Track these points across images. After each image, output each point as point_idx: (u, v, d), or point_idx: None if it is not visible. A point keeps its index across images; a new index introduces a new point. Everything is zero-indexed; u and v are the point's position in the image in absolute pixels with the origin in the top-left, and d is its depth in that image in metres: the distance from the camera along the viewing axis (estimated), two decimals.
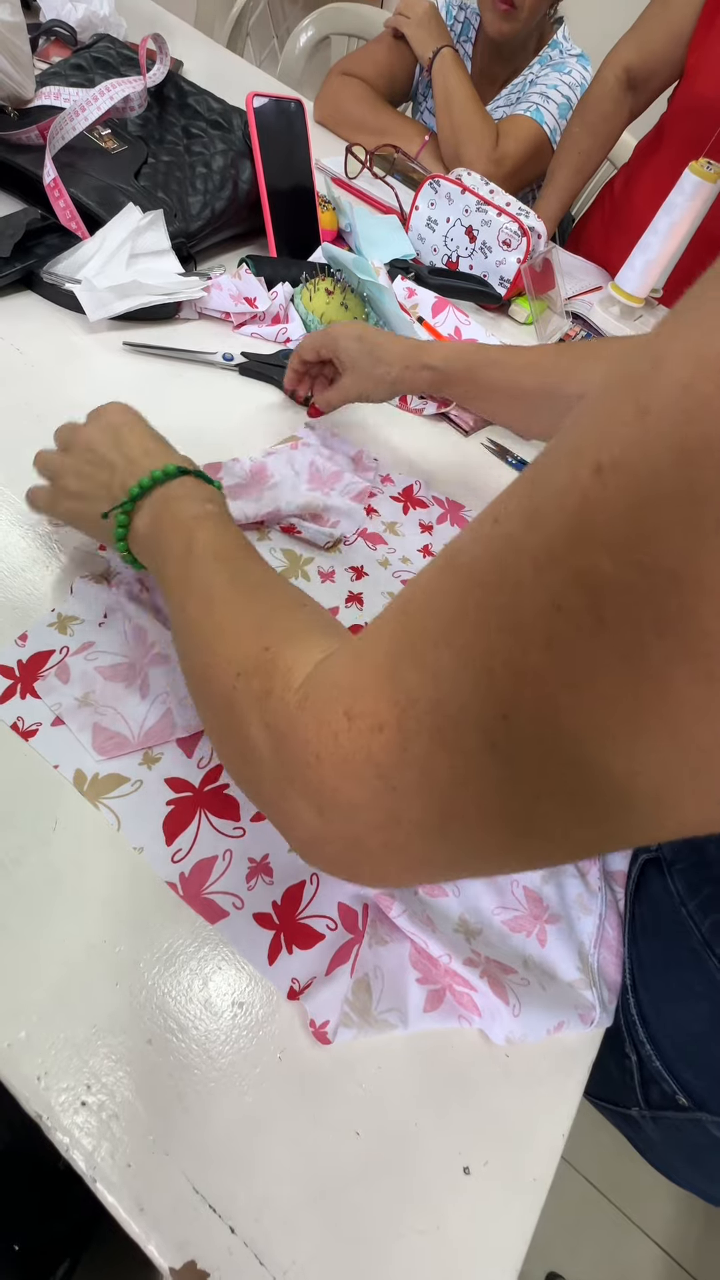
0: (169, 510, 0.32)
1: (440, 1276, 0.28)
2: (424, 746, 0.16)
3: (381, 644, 0.18)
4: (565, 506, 0.13)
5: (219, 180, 0.69)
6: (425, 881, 0.29)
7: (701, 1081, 0.32)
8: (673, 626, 0.11)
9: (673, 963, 0.33)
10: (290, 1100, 0.30)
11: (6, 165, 0.63)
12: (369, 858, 0.20)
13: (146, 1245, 0.25)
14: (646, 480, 0.11)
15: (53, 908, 0.31)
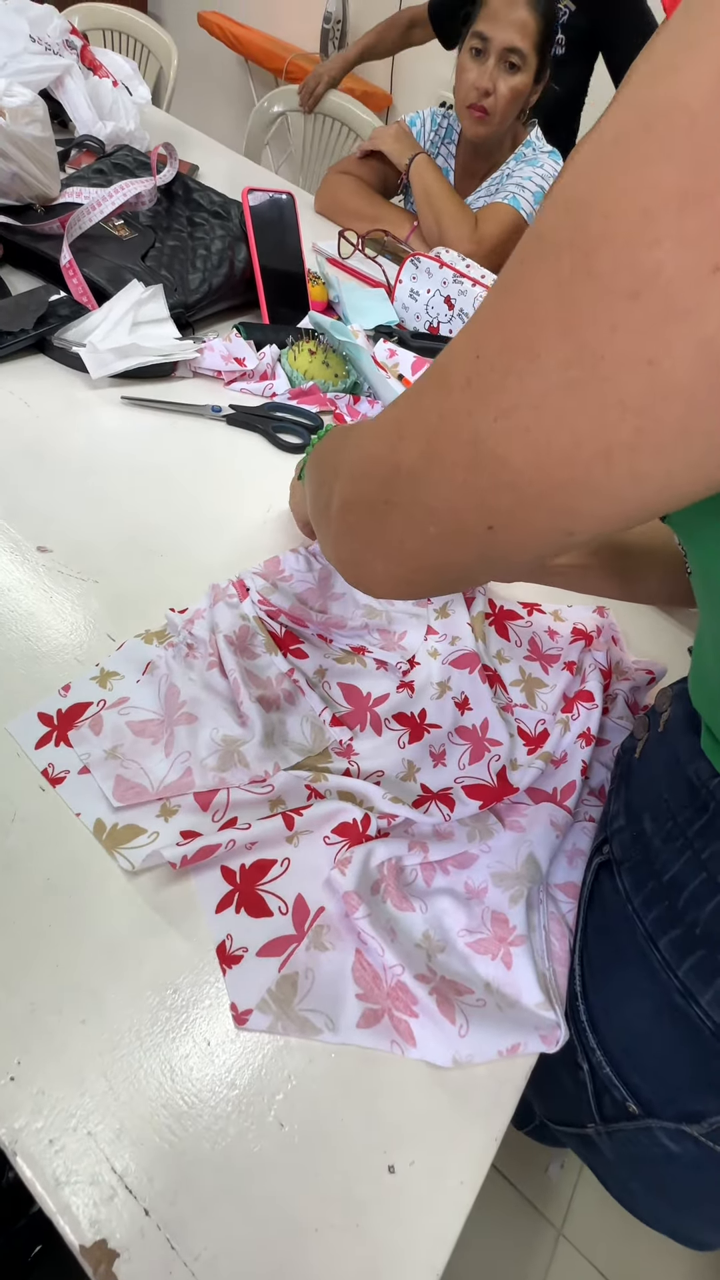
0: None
1: (357, 1275, 0.27)
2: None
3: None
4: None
5: (217, 260, 0.78)
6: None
7: (648, 1084, 0.32)
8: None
9: (619, 962, 0.33)
10: (215, 1088, 0.30)
11: (32, 251, 0.72)
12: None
13: (58, 1220, 0.26)
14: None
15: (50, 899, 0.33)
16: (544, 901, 0.40)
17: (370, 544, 0.24)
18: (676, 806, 0.31)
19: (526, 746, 0.47)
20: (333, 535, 0.27)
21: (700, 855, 0.29)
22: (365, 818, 0.39)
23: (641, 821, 0.33)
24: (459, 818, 0.42)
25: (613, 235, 0.14)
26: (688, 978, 0.29)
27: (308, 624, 0.50)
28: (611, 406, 0.15)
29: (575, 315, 0.15)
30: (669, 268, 0.13)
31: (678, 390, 0.14)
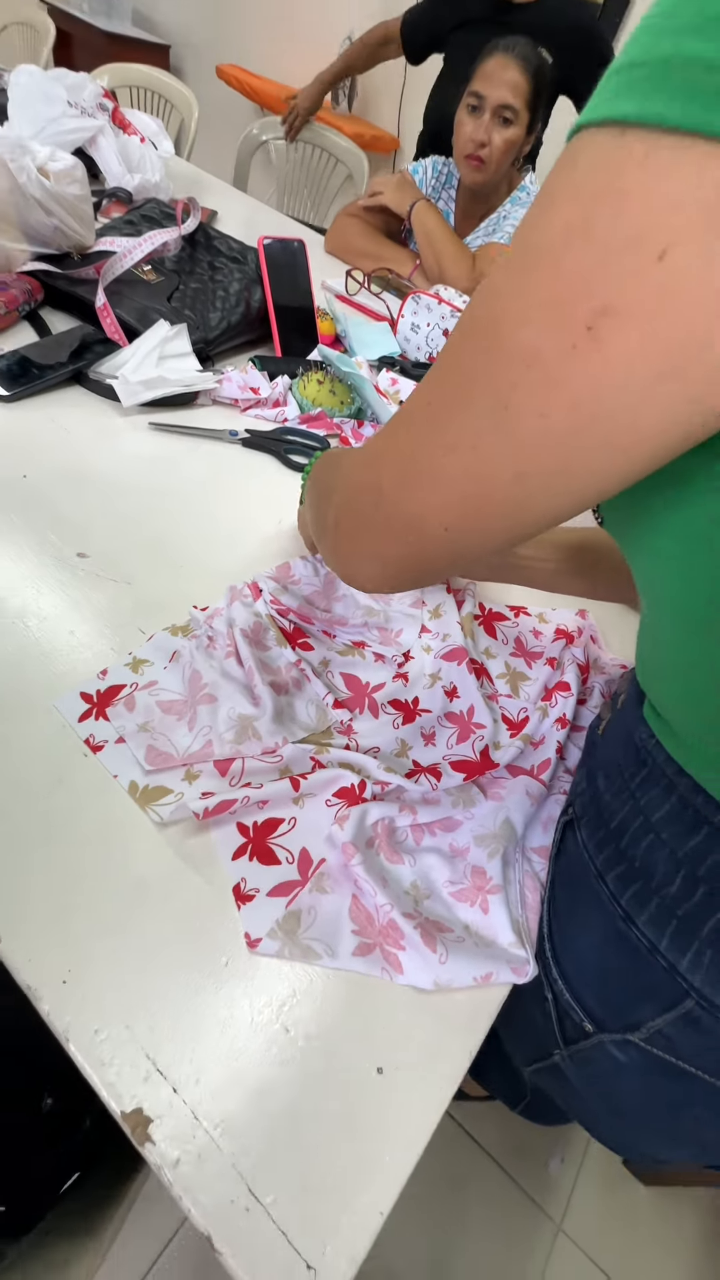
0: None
1: (348, 1147, 0.32)
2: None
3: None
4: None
5: (234, 301, 0.86)
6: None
7: (598, 1003, 0.37)
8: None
9: (578, 901, 0.38)
10: (231, 998, 0.36)
11: (69, 294, 0.81)
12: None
13: (103, 1093, 0.31)
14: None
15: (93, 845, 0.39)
16: (520, 861, 0.45)
17: (361, 550, 0.30)
18: (624, 765, 0.36)
19: (509, 730, 0.53)
20: (331, 545, 0.33)
21: (639, 802, 0.34)
22: (361, 783, 0.45)
23: (597, 782, 0.39)
24: (445, 788, 0.47)
25: (509, 323, 0.20)
26: (629, 905, 0.34)
27: (314, 621, 0.57)
28: (519, 444, 0.21)
29: (492, 376, 0.21)
30: (545, 349, 0.19)
31: (558, 437, 0.20)
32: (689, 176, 0.16)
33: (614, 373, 0.18)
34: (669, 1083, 0.35)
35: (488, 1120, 1.02)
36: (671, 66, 0.15)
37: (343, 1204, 0.31)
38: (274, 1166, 0.31)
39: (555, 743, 0.51)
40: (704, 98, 0.15)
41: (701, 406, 0.19)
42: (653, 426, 0.19)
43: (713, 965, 0.30)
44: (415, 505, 0.26)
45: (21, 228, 0.81)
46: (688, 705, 0.31)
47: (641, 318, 0.17)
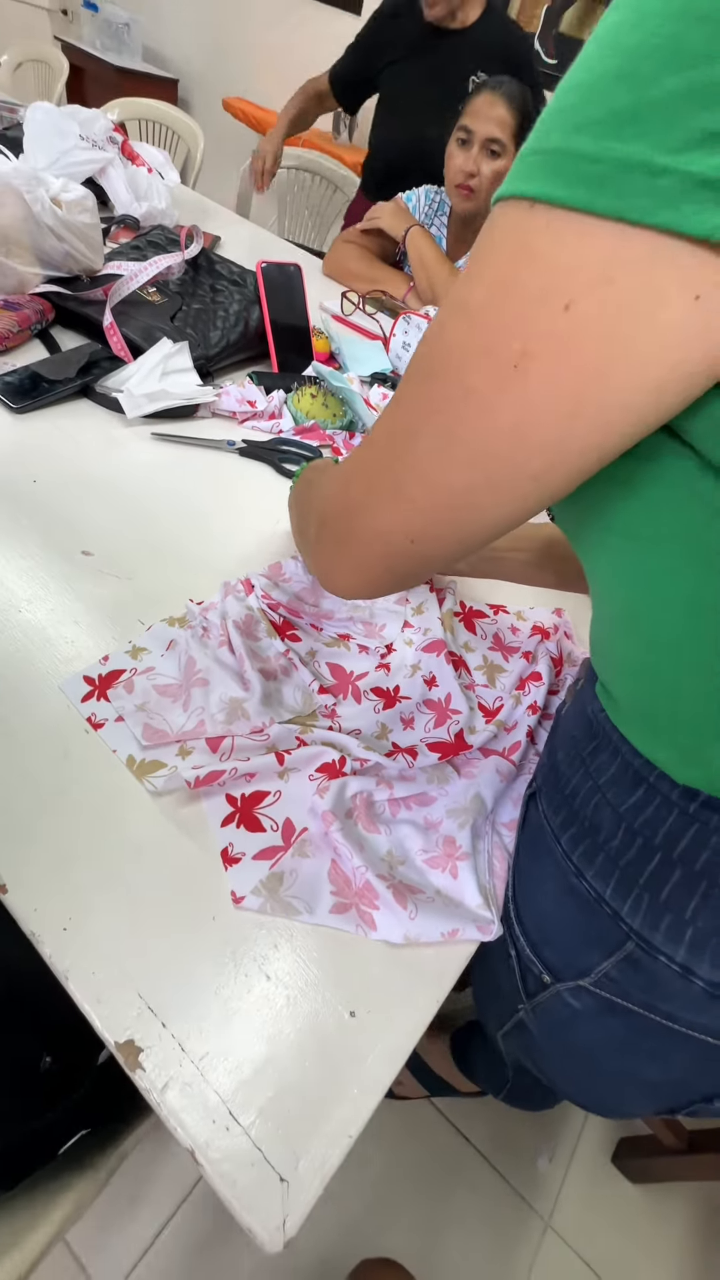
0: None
1: (321, 1079, 0.36)
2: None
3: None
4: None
5: (234, 320, 0.91)
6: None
7: (554, 953, 0.40)
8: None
9: (537, 863, 0.41)
10: (218, 948, 0.39)
11: (78, 314, 0.86)
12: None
13: (98, 1025, 0.35)
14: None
15: (93, 811, 0.42)
16: (489, 833, 0.49)
17: (339, 562, 0.33)
18: (579, 738, 0.40)
19: (484, 717, 0.57)
20: (313, 557, 0.37)
21: (590, 768, 0.38)
22: (342, 759, 0.48)
23: (556, 755, 0.42)
24: (421, 766, 0.51)
25: (452, 364, 0.24)
26: (579, 861, 0.37)
27: (302, 615, 0.61)
28: (464, 463, 0.25)
29: (439, 408, 0.25)
30: (480, 386, 0.23)
31: (497, 456, 0.24)
32: (582, 244, 0.19)
33: (537, 404, 0.22)
34: (616, 1022, 0.38)
35: (477, 1117, 1.03)
36: (563, 157, 0.19)
37: (314, 1128, 0.34)
38: (252, 1093, 0.34)
39: (526, 727, 0.55)
40: (587, 183, 0.19)
41: (611, 429, 0.22)
42: (574, 447, 0.23)
43: (649, 909, 0.34)
44: (382, 520, 0.29)
45: (35, 253, 0.87)
46: (626, 682, 0.35)
47: (554, 358, 0.21)
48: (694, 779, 0.31)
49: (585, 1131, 1.07)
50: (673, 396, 0.21)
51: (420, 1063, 0.99)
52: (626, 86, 0.18)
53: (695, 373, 0.20)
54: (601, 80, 0.18)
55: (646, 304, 0.19)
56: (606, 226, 0.19)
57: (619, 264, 0.19)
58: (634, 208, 0.18)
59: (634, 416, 0.22)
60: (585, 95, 0.19)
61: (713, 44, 0.16)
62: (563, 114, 0.20)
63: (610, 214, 0.19)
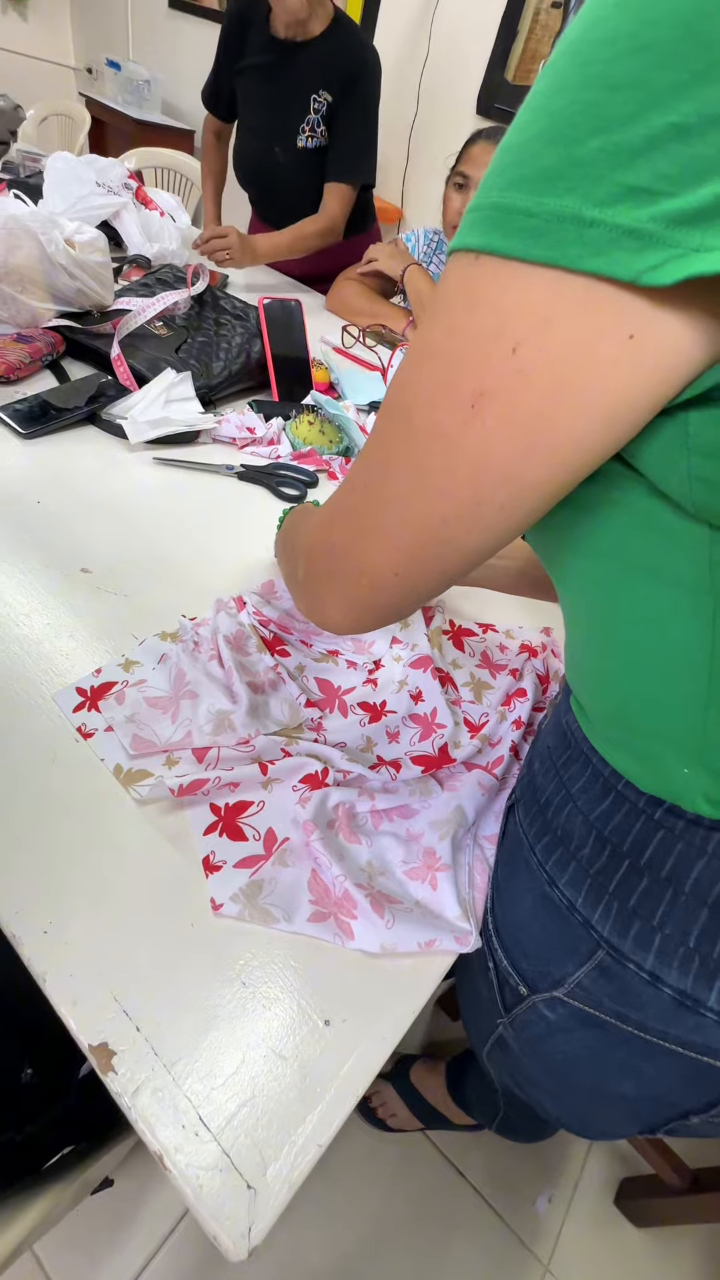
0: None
1: (295, 1087, 0.36)
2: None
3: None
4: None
5: (236, 352, 0.95)
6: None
7: (530, 964, 0.39)
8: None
9: (514, 875, 0.42)
10: (194, 954, 0.39)
11: (88, 347, 0.90)
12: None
13: (72, 1025, 0.35)
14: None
15: (79, 817, 0.43)
16: (471, 846, 0.49)
17: (326, 600, 0.34)
18: (554, 749, 0.41)
19: (469, 732, 0.57)
20: (302, 596, 0.38)
21: (563, 777, 0.38)
22: (325, 770, 0.49)
23: (534, 766, 0.43)
24: (404, 779, 0.51)
25: (418, 406, 0.25)
26: (552, 870, 0.37)
27: (292, 631, 0.62)
28: (437, 496, 0.26)
29: (410, 447, 0.26)
30: (444, 423, 0.24)
31: (467, 486, 0.25)
32: (523, 290, 0.21)
33: (495, 440, 0.24)
34: (589, 1034, 0.37)
35: (473, 1152, 1.00)
36: (502, 211, 0.21)
37: (284, 1136, 0.34)
38: (224, 1100, 0.34)
39: (510, 742, 0.55)
40: (524, 235, 0.20)
41: (565, 463, 0.24)
42: (532, 479, 0.24)
43: (618, 917, 0.34)
44: (365, 557, 0.30)
45: (48, 289, 0.91)
46: (593, 694, 0.36)
47: (507, 398, 0.23)
48: (657, 789, 0.32)
49: (586, 1171, 1.03)
50: (621, 428, 0.23)
51: (415, 1094, 0.96)
52: (555, 147, 0.19)
53: (637, 406, 0.22)
54: (533, 142, 0.20)
55: (585, 344, 0.21)
56: (544, 274, 0.20)
57: (557, 309, 0.21)
58: (567, 256, 0.20)
59: (585, 449, 0.23)
60: (518, 155, 0.21)
61: (625, 109, 0.18)
62: (501, 173, 0.22)
63: (546, 262, 0.20)
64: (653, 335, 0.20)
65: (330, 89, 1.32)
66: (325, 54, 1.30)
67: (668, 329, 0.20)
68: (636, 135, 0.18)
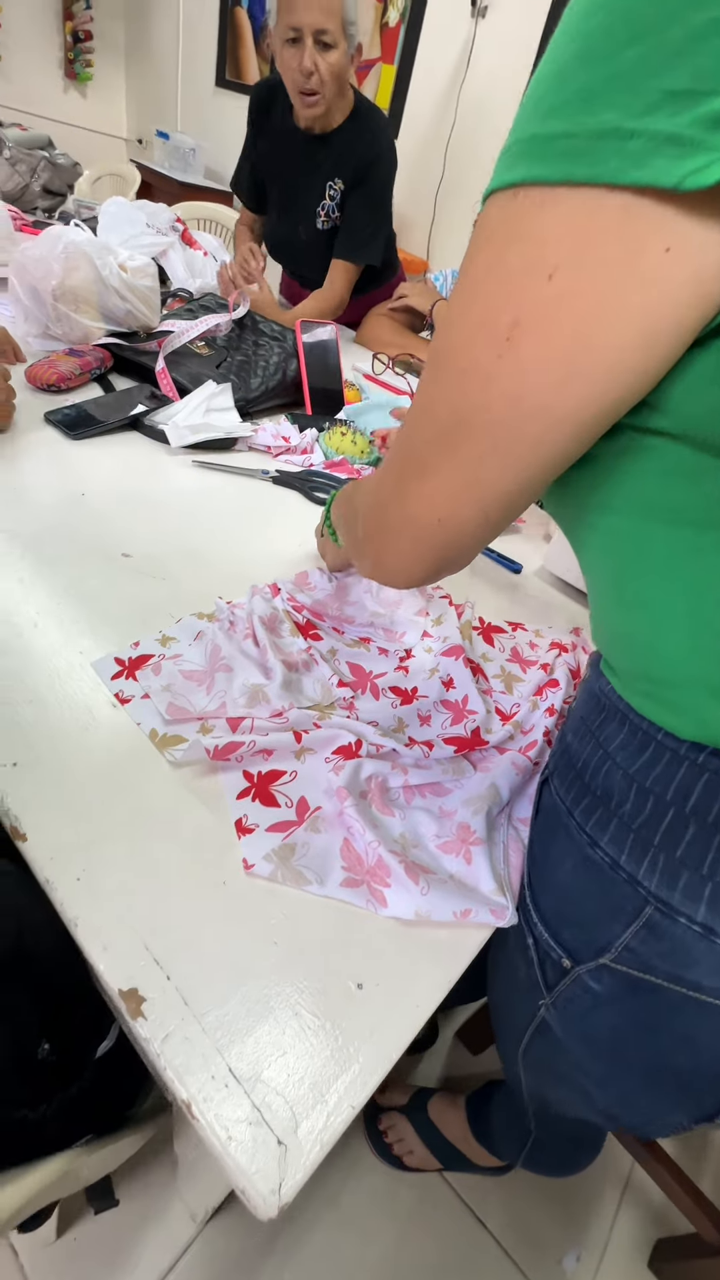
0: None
1: (325, 1048, 0.34)
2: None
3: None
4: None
5: (273, 370, 0.99)
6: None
7: (573, 933, 0.38)
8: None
9: (553, 844, 0.40)
10: (227, 911, 0.39)
11: (134, 362, 0.95)
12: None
13: (102, 969, 0.34)
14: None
15: (114, 776, 0.44)
16: (505, 825, 0.48)
17: (387, 553, 0.35)
18: (588, 716, 0.40)
19: (500, 720, 0.57)
20: (366, 556, 0.38)
21: (599, 739, 0.38)
22: (358, 742, 0.49)
23: (567, 738, 0.42)
24: (436, 758, 0.51)
25: (454, 345, 0.27)
26: (593, 831, 0.36)
27: (325, 618, 0.63)
28: (473, 434, 0.27)
29: (446, 388, 0.27)
30: (479, 358, 0.25)
31: (501, 423, 0.26)
32: (561, 215, 0.22)
33: (529, 371, 0.24)
34: (639, 1002, 0.35)
35: (494, 1199, 0.94)
36: (540, 140, 0.22)
37: (316, 1096, 0.32)
38: (255, 1054, 0.33)
39: (544, 728, 0.55)
40: (564, 158, 0.21)
41: (599, 392, 0.24)
42: (566, 410, 0.25)
43: (665, 869, 0.33)
44: (410, 506, 0.31)
45: (100, 310, 0.97)
46: (622, 651, 0.36)
47: (542, 326, 0.23)
48: (696, 734, 0.32)
49: (617, 1229, 0.95)
50: (657, 352, 0.23)
51: (434, 1130, 0.91)
52: (590, 65, 0.21)
53: (673, 325, 0.22)
54: (567, 66, 0.21)
55: (622, 262, 0.21)
56: (583, 195, 0.21)
57: (595, 228, 0.21)
58: (608, 170, 0.20)
59: (619, 376, 0.24)
60: (554, 82, 0.22)
61: (658, 14, 0.19)
62: (536, 103, 0.23)
63: (587, 180, 0.21)
64: (689, 247, 0.21)
65: (344, 176, 1.36)
66: (343, 145, 1.34)
67: (705, 240, 0.21)
68: (675, 35, 0.19)
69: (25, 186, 1.75)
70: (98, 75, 3.40)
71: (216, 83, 3.21)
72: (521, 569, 0.82)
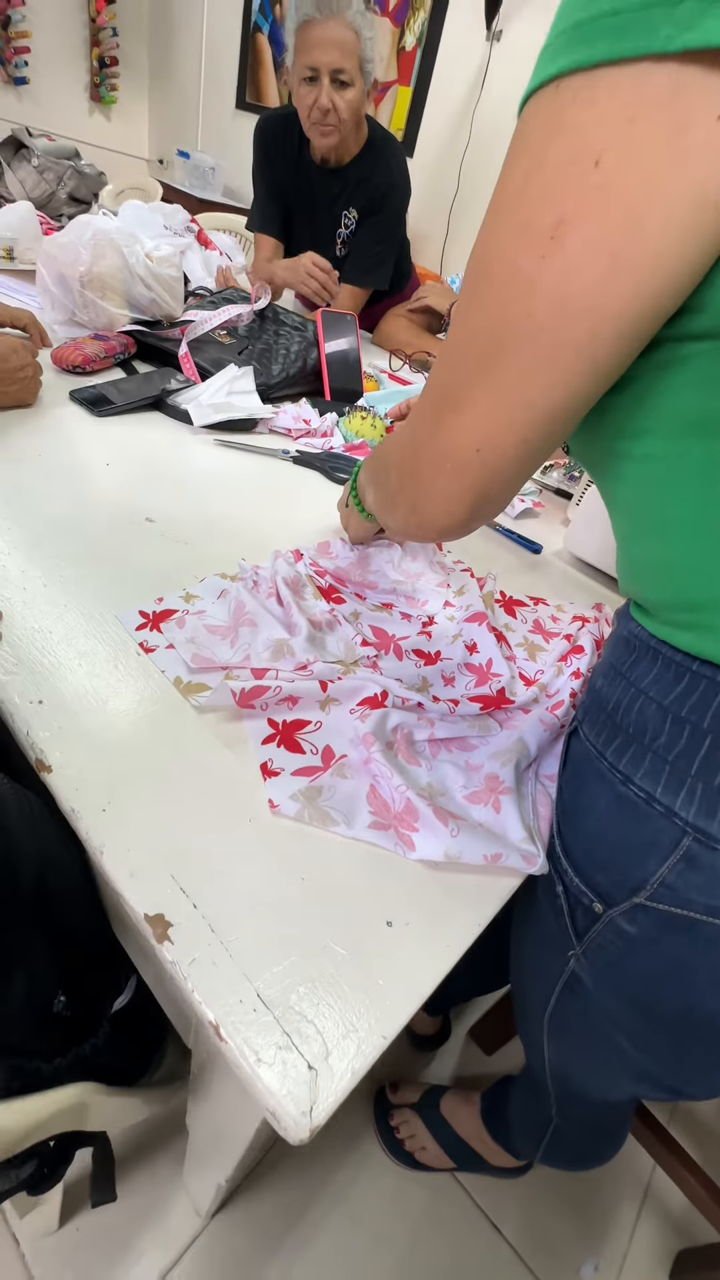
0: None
1: (356, 981, 0.33)
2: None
3: None
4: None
5: (294, 358, 1.01)
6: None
7: (605, 874, 0.37)
8: None
9: (582, 789, 0.39)
10: (253, 847, 0.38)
11: (158, 349, 0.96)
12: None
13: (127, 895, 0.34)
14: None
15: (138, 718, 0.43)
16: (533, 779, 0.47)
17: (424, 498, 0.34)
18: (618, 661, 0.39)
19: (525, 684, 0.56)
20: (401, 507, 0.37)
21: (631, 678, 0.37)
22: (384, 693, 0.48)
23: (596, 684, 0.42)
24: (462, 714, 0.50)
25: (494, 253, 0.26)
26: (627, 768, 0.36)
27: (347, 584, 0.62)
28: (519, 346, 0.26)
29: (487, 300, 0.27)
30: (522, 263, 0.25)
31: (545, 329, 0.26)
32: (606, 97, 0.22)
33: (576, 268, 0.24)
34: (676, 940, 0.34)
35: (509, 1203, 0.90)
36: (584, 25, 0.22)
37: (347, 1025, 0.31)
38: (284, 983, 0.32)
39: (570, 690, 0.54)
40: (610, 35, 0.21)
41: (646, 285, 0.24)
42: (616, 307, 0.25)
43: (703, 798, 0.32)
44: (446, 439, 0.31)
45: (126, 298, 0.99)
46: (655, 584, 0.35)
47: (588, 217, 0.23)
48: None
49: (637, 1236, 0.92)
50: (705, 237, 0.23)
51: (447, 1128, 0.88)
52: None
53: None
54: None
55: (671, 134, 0.21)
56: (629, 71, 0.21)
57: (642, 103, 0.21)
58: (659, 39, 0.20)
59: (665, 265, 0.23)
60: None
61: None
62: (564, 8, 0.23)
63: (634, 54, 0.21)
64: None
65: (357, 206, 1.38)
66: (358, 177, 1.35)
67: None
68: None
69: (52, 194, 1.80)
70: (122, 99, 3.51)
71: (237, 105, 3.31)
72: (542, 549, 0.82)
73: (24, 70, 3.09)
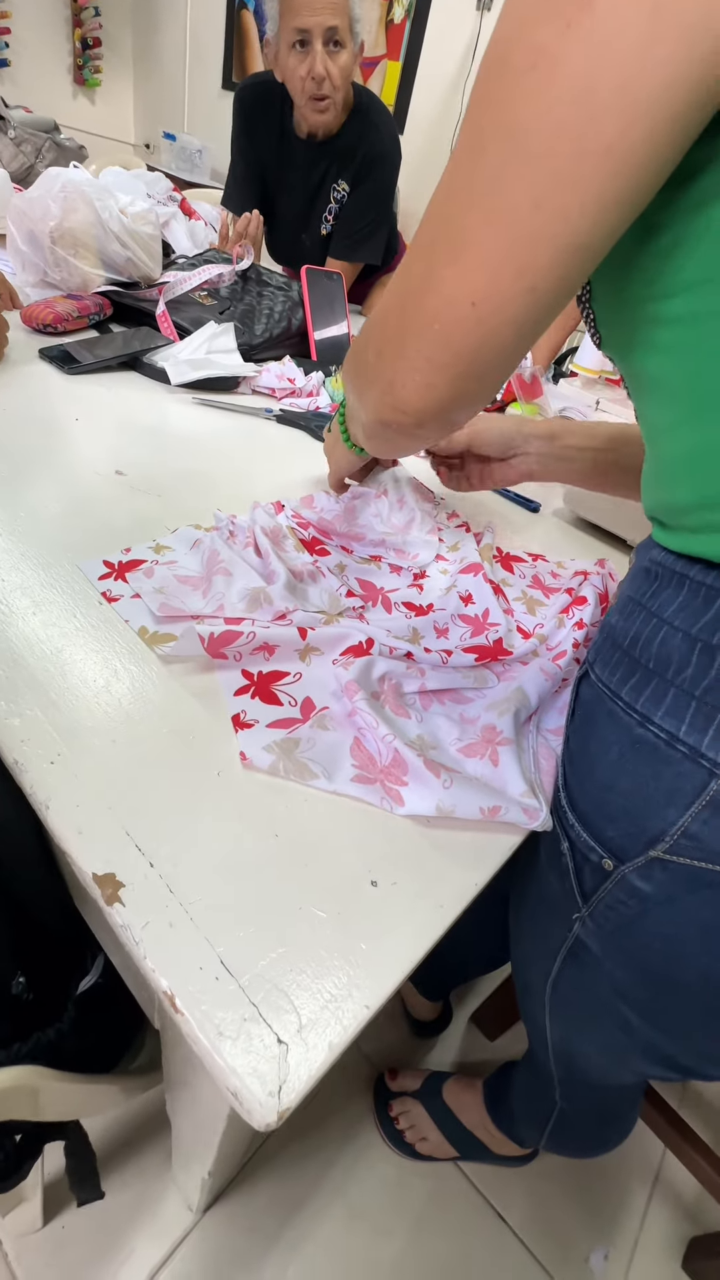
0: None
1: (337, 945, 0.29)
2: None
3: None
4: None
5: (278, 318, 0.96)
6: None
7: (617, 827, 0.33)
8: None
9: (592, 735, 0.35)
10: (220, 804, 0.34)
11: (134, 309, 0.92)
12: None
13: (73, 853, 0.30)
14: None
15: (96, 668, 0.39)
16: (533, 732, 0.43)
17: (397, 370, 0.30)
18: (636, 593, 0.35)
19: (523, 638, 0.52)
20: (372, 383, 0.33)
21: (651, 609, 0.33)
22: (369, 640, 0.44)
23: (610, 621, 0.37)
24: (455, 665, 0.46)
25: (512, 38, 0.23)
26: (645, 707, 0.32)
27: (332, 537, 0.58)
28: (533, 161, 0.23)
29: (501, 99, 0.23)
30: (544, 39, 0.21)
31: (565, 133, 0.22)
32: None
33: (607, 30, 0.20)
34: (696, 900, 0.30)
35: (514, 1190, 0.87)
36: None
37: (325, 995, 0.27)
38: (253, 949, 0.28)
39: (573, 640, 0.50)
40: None
41: (687, 52, 0.20)
42: (645, 92, 0.21)
43: None
44: (440, 290, 0.27)
45: (100, 256, 0.94)
46: (691, 482, 0.31)
47: None
48: None
49: (647, 1226, 0.88)
50: None
51: (449, 1115, 0.85)
52: None
53: None
54: None
55: None
56: None
57: None
58: None
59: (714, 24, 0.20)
60: None
61: None
62: None
63: None
64: None
65: (346, 177, 1.31)
66: (345, 146, 1.28)
67: None
68: None
69: (30, 167, 1.74)
70: (106, 81, 3.44)
71: (223, 84, 3.24)
72: (540, 508, 0.78)
73: (4, 52, 3.02)
